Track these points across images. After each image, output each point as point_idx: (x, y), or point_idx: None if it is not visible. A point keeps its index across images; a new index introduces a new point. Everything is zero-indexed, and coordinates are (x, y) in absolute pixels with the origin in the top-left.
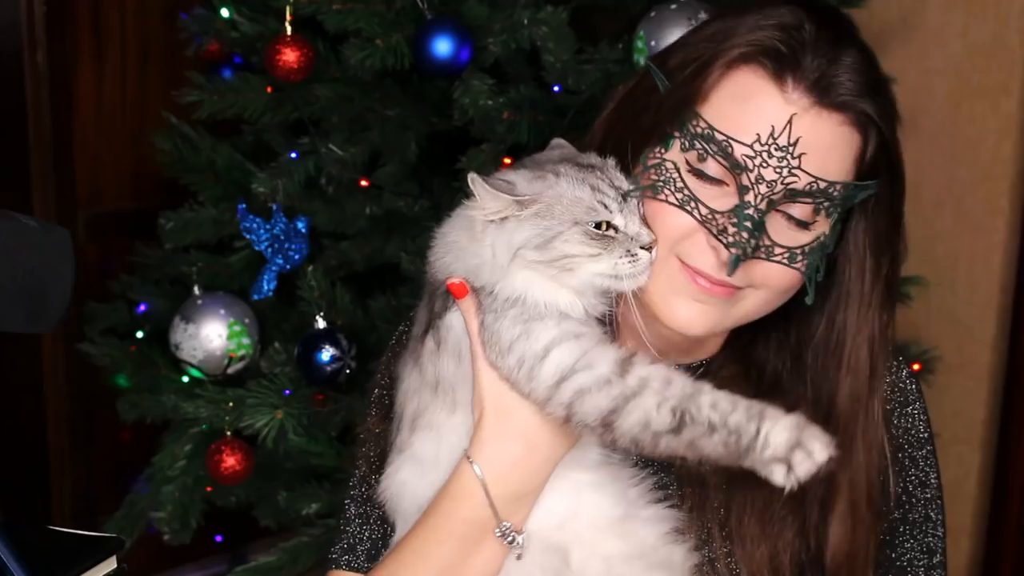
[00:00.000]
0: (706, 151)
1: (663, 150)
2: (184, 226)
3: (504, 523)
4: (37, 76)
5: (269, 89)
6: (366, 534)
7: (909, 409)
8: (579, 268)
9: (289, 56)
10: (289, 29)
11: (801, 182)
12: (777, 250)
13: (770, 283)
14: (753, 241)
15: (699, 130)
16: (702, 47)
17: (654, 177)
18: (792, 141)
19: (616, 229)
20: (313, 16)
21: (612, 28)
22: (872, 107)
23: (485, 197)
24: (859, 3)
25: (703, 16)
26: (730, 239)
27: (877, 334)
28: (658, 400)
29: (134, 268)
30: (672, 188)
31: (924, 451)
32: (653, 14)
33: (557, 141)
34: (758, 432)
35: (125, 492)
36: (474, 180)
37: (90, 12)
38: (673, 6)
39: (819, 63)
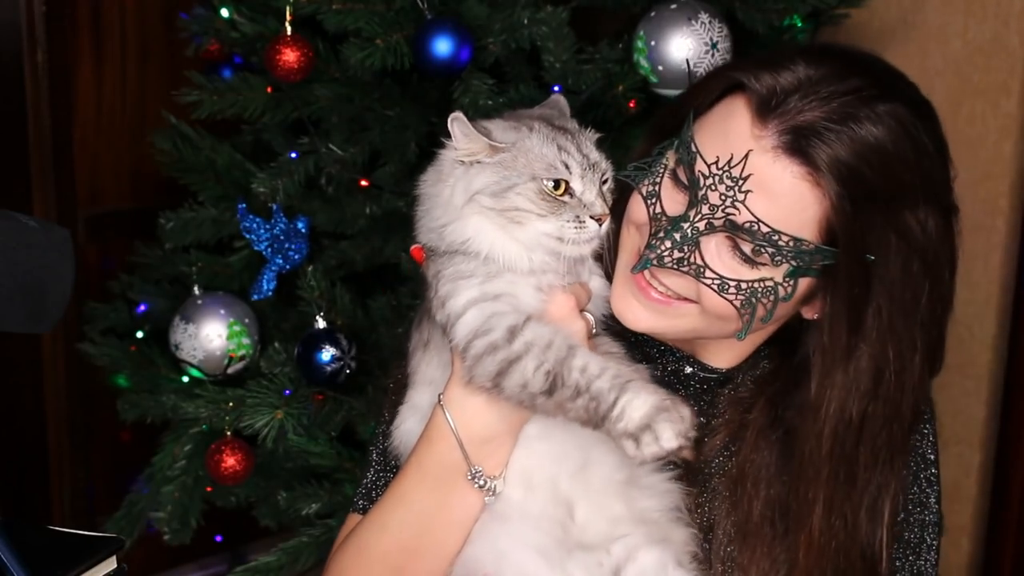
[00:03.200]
0: (681, 158)
1: (670, 148)
2: (184, 226)
3: (475, 467)
4: (37, 76)
5: (269, 89)
6: (382, 481)
7: (921, 427)
8: (527, 223)
9: (289, 56)
10: (289, 29)
11: (740, 217)
12: (708, 273)
13: (704, 303)
14: (677, 253)
15: (688, 137)
16: (726, 65)
17: (650, 168)
18: (743, 175)
19: (572, 194)
20: (313, 16)
21: (612, 28)
22: (836, 185)
23: (463, 137)
24: (859, 3)
25: (703, 16)
26: (653, 242)
27: (846, 411)
28: (536, 363)
29: (134, 268)
30: (650, 181)
31: (929, 472)
32: (653, 14)
33: (555, 97)
34: (615, 402)
35: (125, 492)
36: (455, 118)
37: (90, 12)
38: (673, 6)
39: (808, 117)
